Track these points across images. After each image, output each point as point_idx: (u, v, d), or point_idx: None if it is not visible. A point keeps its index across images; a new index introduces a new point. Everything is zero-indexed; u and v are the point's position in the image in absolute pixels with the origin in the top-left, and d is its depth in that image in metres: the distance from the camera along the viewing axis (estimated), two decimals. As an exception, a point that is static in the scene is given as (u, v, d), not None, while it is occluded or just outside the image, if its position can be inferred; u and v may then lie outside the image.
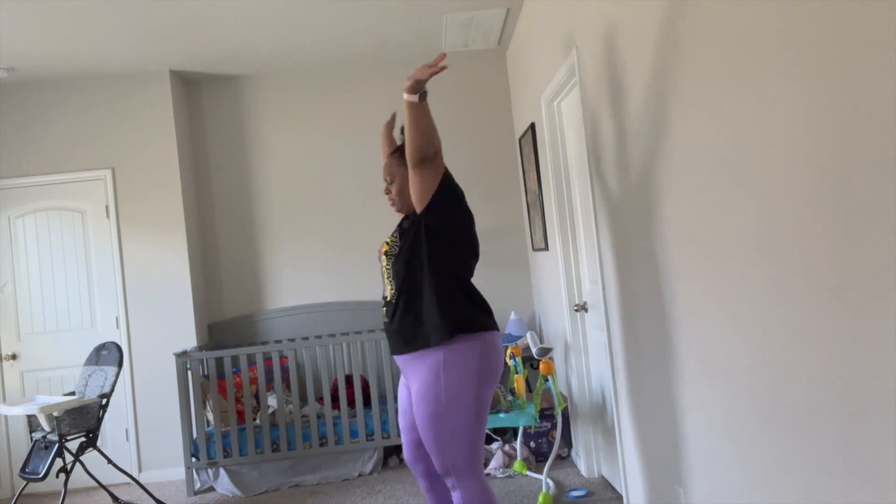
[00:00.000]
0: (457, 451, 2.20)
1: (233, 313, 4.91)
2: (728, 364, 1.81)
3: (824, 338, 1.33)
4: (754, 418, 1.69)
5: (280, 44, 4.39)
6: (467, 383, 2.19)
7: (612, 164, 2.65)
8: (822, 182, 1.29)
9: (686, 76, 1.86)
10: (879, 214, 1.13)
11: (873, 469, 1.23)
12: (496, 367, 2.27)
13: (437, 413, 2.19)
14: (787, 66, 1.36)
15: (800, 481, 1.50)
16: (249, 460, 4.11)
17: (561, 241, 3.71)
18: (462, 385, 2.18)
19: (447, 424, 2.18)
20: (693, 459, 2.15)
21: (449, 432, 2.19)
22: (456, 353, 2.19)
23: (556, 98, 3.59)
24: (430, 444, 2.22)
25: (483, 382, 2.22)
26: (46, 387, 4.57)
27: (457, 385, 2.18)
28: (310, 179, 4.95)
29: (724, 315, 1.79)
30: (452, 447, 2.20)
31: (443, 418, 2.18)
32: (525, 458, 3.99)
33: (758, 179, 1.53)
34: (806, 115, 1.32)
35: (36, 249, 4.63)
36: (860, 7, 1.13)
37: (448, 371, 2.18)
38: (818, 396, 1.38)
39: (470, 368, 2.19)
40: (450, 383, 2.18)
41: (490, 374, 2.24)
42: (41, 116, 4.63)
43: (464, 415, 2.19)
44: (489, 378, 2.24)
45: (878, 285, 1.16)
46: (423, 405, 2.20)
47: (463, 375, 2.18)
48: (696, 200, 1.89)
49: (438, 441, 2.20)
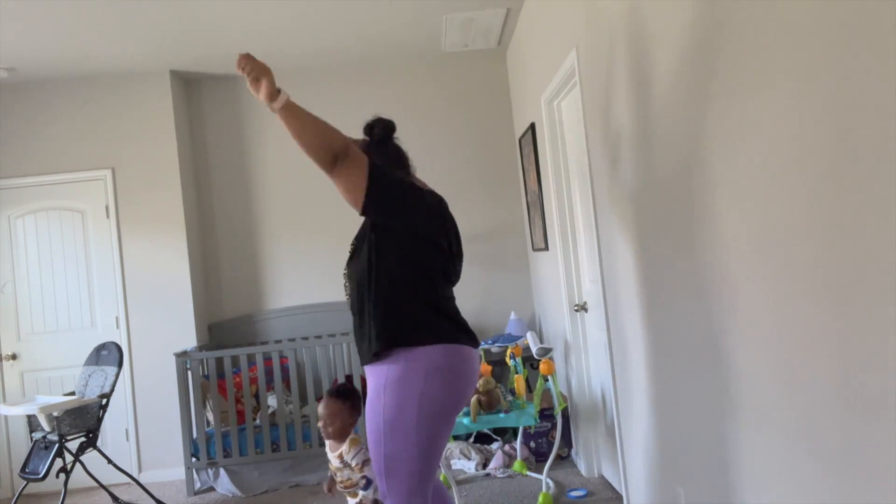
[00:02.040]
0: (394, 481, 1.94)
1: (233, 313, 4.91)
2: (728, 363, 1.81)
3: (824, 337, 1.33)
4: (754, 418, 1.69)
5: (280, 44, 4.39)
6: (407, 409, 1.90)
7: (612, 165, 2.65)
8: (822, 182, 1.29)
9: (686, 76, 1.86)
10: (881, 214, 1.13)
11: (874, 469, 1.23)
12: (448, 394, 1.93)
13: (378, 432, 1.95)
14: (788, 66, 1.36)
15: (800, 481, 1.50)
16: (249, 460, 4.11)
17: (561, 241, 3.71)
18: (401, 410, 1.90)
19: (387, 448, 1.94)
20: (693, 459, 2.14)
21: (388, 457, 1.94)
22: (399, 371, 1.91)
23: (556, 98, 3.59)
24: (374, 462, 2.01)
25: (427, 409, 1.90)
26: (46, 387, 4.57)
27: (395, 408, 1.91)
28: (310, 179, 4.95)
29: (723, 315, 1.79)
30: (391, 475, 1.94)
31: (382, 441, 1.94)
32: (525, 458, 3.99)
33: (758, 179, 1.53)
34: (807, 114, 1.32)
35: (36, 249, 4.63)
36: (861, 6, 1.13)
37: (389, 391, 1.92)
38: (818, 395, 1.38)
39: (411, 392, 1.89)
40: (388, 405, 1.92)
41: (437, 401, 1.91)
42: (41, 116, 4.63)
43: (404, 443, 1.91)
44: (436, 405, 1.91)
45: (879, 285, 1.16)
46: (369, 419, 1.97)
47: (404, 398, 1.90)
48: (700, 200, 1.89)
49: (377, 463, 1.98)
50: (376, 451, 1.97)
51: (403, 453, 1.93)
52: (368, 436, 1.99)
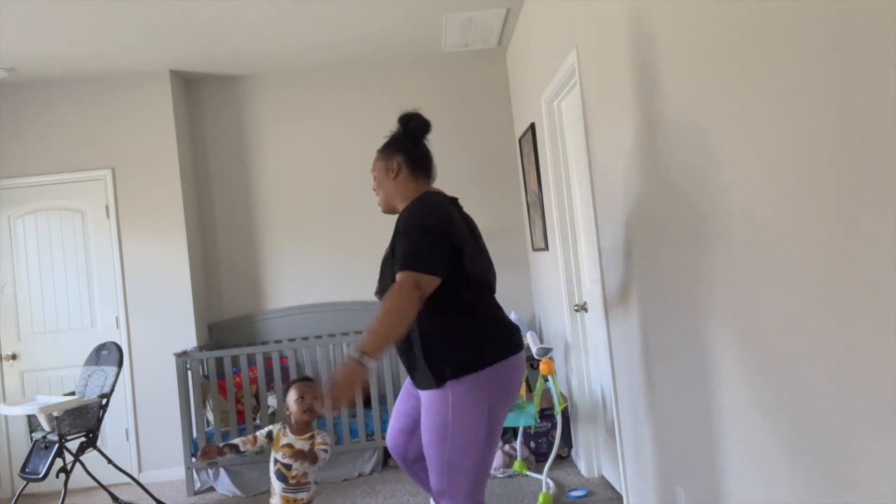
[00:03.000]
0: (457, 475, 2.01)
1: (233, 313, 4.91)
2: (728, 363, 1.81)
3: (825, 336, 1.33)
4: (754, 417, 1.69)
5: (280, 44, 4.39)
6: (472, 419, 2.00)
7: (612, 165, 2.65)
8: (824, 181, 1.29)
9: (687, 75, 1.86)
10: (878, 218, 1.13)
11: (875, 469, 1.23)
12: (506, 399, 2.06)
13: (440, 432, 2.01)
14: (790, 65, 1.36)
15: (800, 481, 1.50)
16: (249, 460, 4.11)
17: (561, 241, 3.71)
18: (465, 419, 2.00)
19: (451, 446, 2.00)
20: (693, 459, 2.14)
21: (452, 453, 2.00)
22: (464, 390, 2.00)
23: (556, 98, 3.59)
24: (431, 460, 2.06)
25: (489, 417, 2.02)
26: (46, 387, 4.57)
27: (460, 418, 2.00)
28: (310, 179, 4.95)
29: (723, 314, 1.79)
30: (453, 470, 2.01)
31: (447, 441, 2.00)
32: (525, 458, 3.99)
33: (759, 178, 1.53)
34: (809, 114, 1.32)
35: (36, 249, 4.63)
36: (861, 6, 1.13)
37: (455, 404, 2.00)
38: (818, 395, 1.38)
39: (477, 407, 2.00)
40: (455, 415, 2.00)
41: (495, 409, 2.03)
42: (41, 116, 4.63)
43: (472, 435, 1.99)
44: (495, 413, 2.03)
45: (879, 285, 1.16)
46: (429, 422, 2.03)
47: (469, 412, 2.00)
48: (700, 200, 1.89)
49: (438, 460, 2.03)
50: (438, 450, 2.02)
51: (466, 453, 2.00)
52: (425, 435, 2.05)
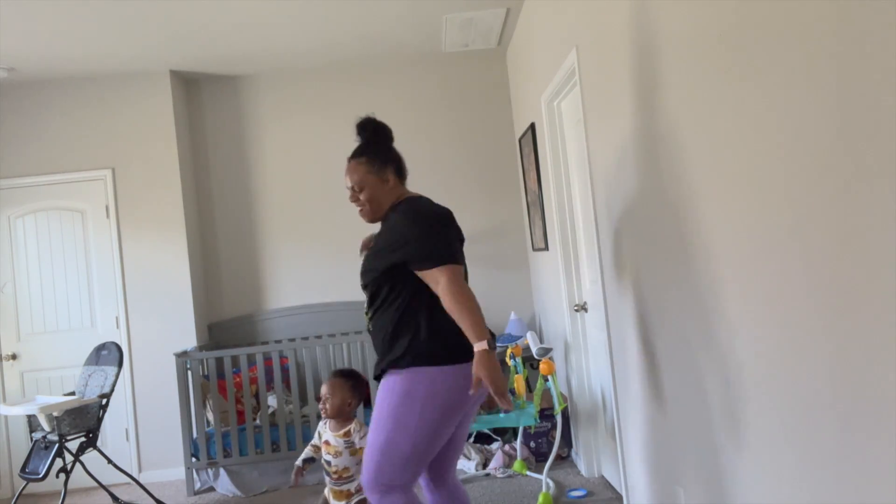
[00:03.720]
0: (386, 463, 2.07)
1: (233, 313, 4.91)
2: (727, 363, 1.81)
3: (824, 336, 1.33)
4: (754, 418, 1.69)
5: (280, 44, 4.39)
6: (418, 412, 2.06)
7: (612, 164, 2.65)
8: (824, 180, 1.29)
9: (687, 75, 1.86)
10: (881, 214, 1.13)
11: (874, 468, 1.23)
12: (458, 403, 2.10)
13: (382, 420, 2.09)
14: (791, 65, 1.36)
15: (800, 481, 1.50)
16: (249, 460, 4.11)
17: (561, 241, 3.71)
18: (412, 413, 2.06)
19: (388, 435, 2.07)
20: (693, 459, 2.15)
21: (386, 443, 2.07)
22: (420, 381, 2.07)
23: (556, 98, 3.59)
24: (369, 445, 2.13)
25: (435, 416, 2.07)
26: (46, 387, 4.57)
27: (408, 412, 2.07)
28: (310, 179, 4.95)
29: (724, 314, 1.79)
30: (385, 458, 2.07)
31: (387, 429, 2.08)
32: (525, 458, 3.99)
33: (760, 178, 1.53)
34: (810, 113, 1.32)
35: (36, 249, 4.63)
36: (862, 6, 1.13)
37: (406, 396, 2.08)
38: (818, 395, 1.38)
39: (427, 403, 2.06)
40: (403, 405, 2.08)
41: (443, 409, 2.09)
42: (41, 116, 4.63)
43: (403, 436, 2.06)
44: (441, 413, 2.09)
45: (878, 285, 1.16)
46: (379, 412, 2.11)
47: (419, 405, 2.06)
48: (700, 200, 1.89)
49: (374, 445, 2.09)
50: (374, 435, 2.09)
51: (402, 444, 2.06)
52: (371, 422, 2.11)
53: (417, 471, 2.11)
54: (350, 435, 2.65)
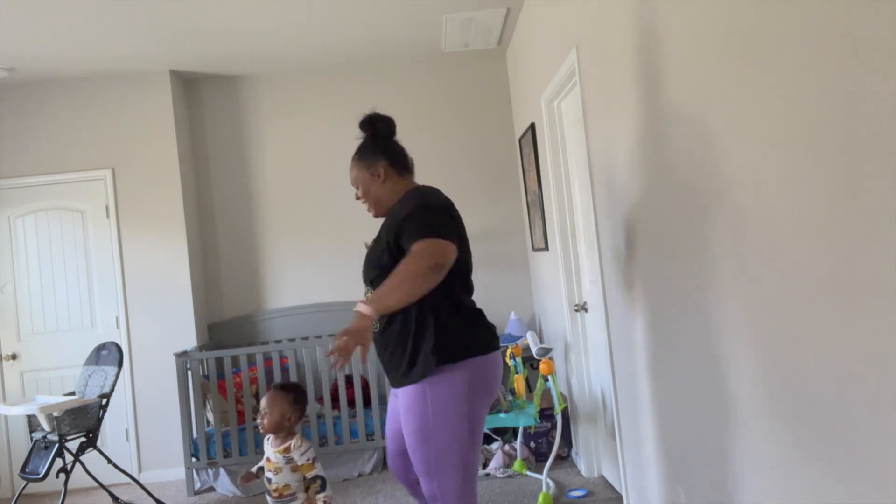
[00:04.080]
0: (446, 473, 2.04)
1: (233, 313, 4.91)
2: (728, 363, 1.81)
3: (828, 336, 1.33)
4: (754, 417, 1.69)
5: (280, 44, 4.39)
6: (453, 414, 2.03)
7: (612, 165, 2.65)
8: (825, 181, 1.29)
9: (687, 75, 1.86)
10: (881, 214, 1.13)
11: (874, 468, 1.23)
12: (485, 395, 2.12)
13: (422, 432, 2.04)
14: (791, 65, 1.36)
15: (800, 481, 1.50)
16: (249, 460, 4.10)
17: (561, 241, 3.71)
18: (447, 415, 2.03)
19: (435, 442, 2.02)
20: (693, 459, 2.15)
21: (437, 452, 2.03)
22: (444, 383, 2.05)
23: (556, 98, 3.59)
24: (417, 464, 2.08)
25: (470, 412, 2.07)
26: (46, 387, 4.57)
27: (440, 415, 2.03)
28: (310, 179, 4.95)
29: (724, 314, 1.79)
30: (441, 469, 2.03)
31: (430, 440, 2.03)
32: (525, 458, 3.99)
33: (760, 177, 1.53)
34: (810, 113, 1.32)
35: (36, 249, 4.63)
36: (862, 6, 1.13)
37: (433, 400, 2.04)
38: (819, 395, 1.38)
39: (457, 401, 2.04)
40: (434, 412, 2.03)
41: (476, 405, 2.09)
42: (41, 116, 4.63)
43: (454, 431, 2.03)
44: (476, 408, 2.09)
45: (878, 285, 1.16)
46: (410, 423, 2.06)
47: (450, 408, 2.03)
48: (699, 200, 1.89)
49: (424, 464, 2.05)
50: (422, 449, 2.04)
51: (450, 450, 2.03)
52: (408, 438, 2.07)
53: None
54: (290, 451, 2.51)
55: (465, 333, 2.09)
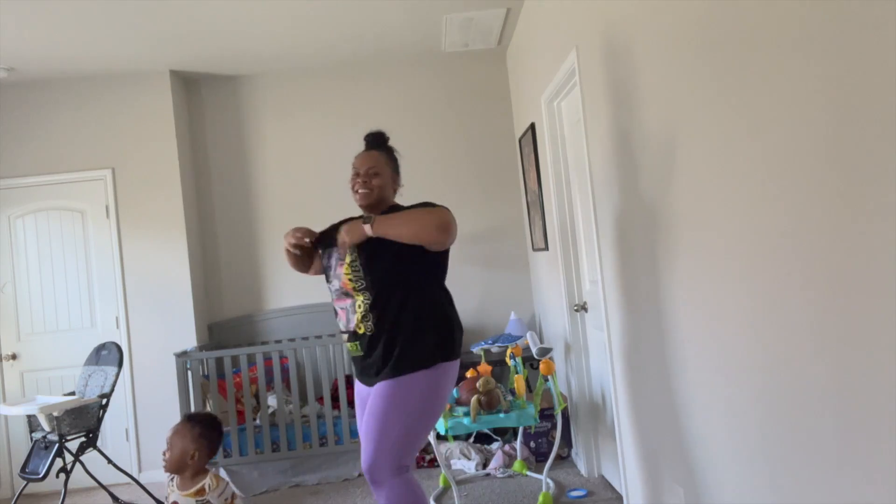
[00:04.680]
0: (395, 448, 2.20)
1: (233, 313, 4.91)
2: (729, 363, 1.81)
3: (825, 337, 1.33)
4: (755, 417, 1.69)
5: (280, 44, 4.39)
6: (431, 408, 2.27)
7: (612, 164, 2.65)
8: (823, 180, 1.29)
9: (686, 75, 1.86)
10: (880, 214, 1.13)
11: (874, 468, 1.23)
12: (446, 396, 2.33)
13: (402, 413, 2.23)
14: (791, 65, 1.36)
15: (800, 481, 1.50)
16: (249, 460, 4.11)
17: (561, 241, 3.70)
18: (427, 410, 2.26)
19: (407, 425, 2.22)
20: (693, 459, 2.15)
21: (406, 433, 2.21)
22: (434, 380, 2.28)
23: (556, 98, 3.59)
24: (375, 435, 2.21)
25: (444, 397, 2.31)
26: (46, 387, 4.57)
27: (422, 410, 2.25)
28: (310, 179, 4.95)
29: (725, 314, 1.79)
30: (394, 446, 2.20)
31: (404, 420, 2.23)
32: (525, 458, 3.99)
33: (760, 178, 1.53)
34: (811, 112, 1.32)
35: (36, 249, 4.63)
36: (863, 6, 1.13)
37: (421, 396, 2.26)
38: (819, 395, 1.38)
39: (439, 399, 2.29)
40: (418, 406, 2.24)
41: (441, 404, 2.31)
42: (41, 116, 4.63)
43: (424, 421, 2.24)
44: (439, 407, 2.31)
45: (877, 285, 1.16)
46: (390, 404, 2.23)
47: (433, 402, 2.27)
48: (699, 200, 1.89)
49: (384, 439, 2.20)
50: (393, 428, 2.19)
51: (421, 432, 2.24)
52: (379, 418, 2.19)
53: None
54: (205, 493, 2.20)
55: (457, 335, 2.35)
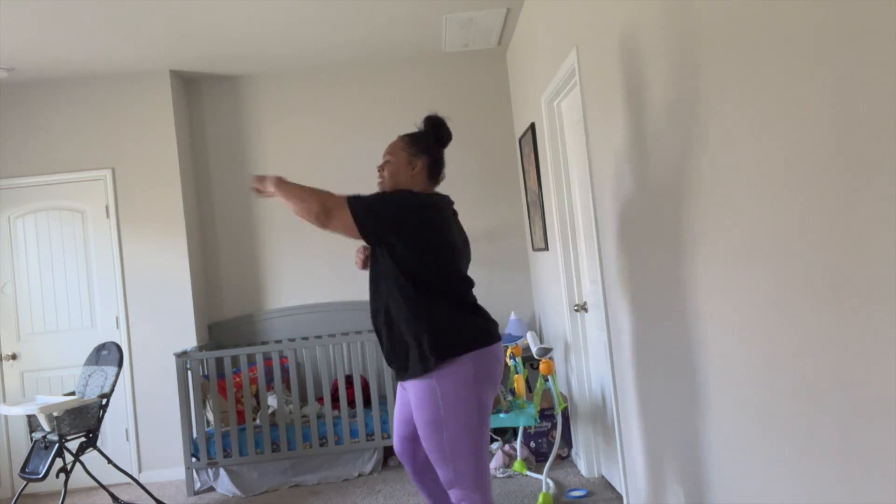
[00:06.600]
0: (460, 460, 2.15)
1: (233, 313, 4.91)
2: (729, 363, 1.81)
3: (825, 337, 1.33)
4: (755, 417, 1.69)
5: (280, 43, 4.39)
6: (462, 406, 2.15)
7: (612, 165, 2.65)
8: (824, 181, 1.29)
9: (686, 75, 1.86)
10: (881, 214, 1.13)
11: (874, 469, 1.23)
12: (489, 388, 2.21)
13: (436, 420, 2.15)
14: (790, 66, 1.36)
15: (800, 480, 1.50)
16: (249, 460, 4.11)
17: (561, 241, 3.71)
18: (456, 408, 2.15)
19: (448, 431, 2.14)
20: (693, 459, 2.15)
21: (451, 441, 2.14)
22: (450, 377, 2.16)
23: (556, 98, 3.59)
24: (432, 453, 2.18)
25: (476, 404, 2.18)
26: (46, 387, 4.57)
27: (451, 407, 2.15)
28: (310, 179, 4.95)
29: (726, 315, 1.79)
30: (455, 455, 2.15)
31: (443, 426, 2.15)
32: (525, 458, 3.99)
33: (760, 179, 1.53)
34: (811, 112, 1.32)
35: (36, 249, 4.63)
36: (863, 6, 1.13)
37: (445, 393, 2.16)
38: (819, 396, 1.38)
39: (465, 394, 2.16)
40: (445, 406, 2.15)
41: (483, 398, 2.19)
42: (41, 116, 4.63)
43: (464, 419, 2.15)
44: (482, 401, 2.20)
45: (878, 285, 1.16)
46: (422, 415, 2.17)
47: (458, 399, 2.15)
48: (699, 200, 1.89)
49: (438, 451, 2.16)
50: (436, 439, 2.15)
51: (462, 437, 2.15)
52: (422, 430, 2.17)
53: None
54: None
55: (465, 327, 2.19)
